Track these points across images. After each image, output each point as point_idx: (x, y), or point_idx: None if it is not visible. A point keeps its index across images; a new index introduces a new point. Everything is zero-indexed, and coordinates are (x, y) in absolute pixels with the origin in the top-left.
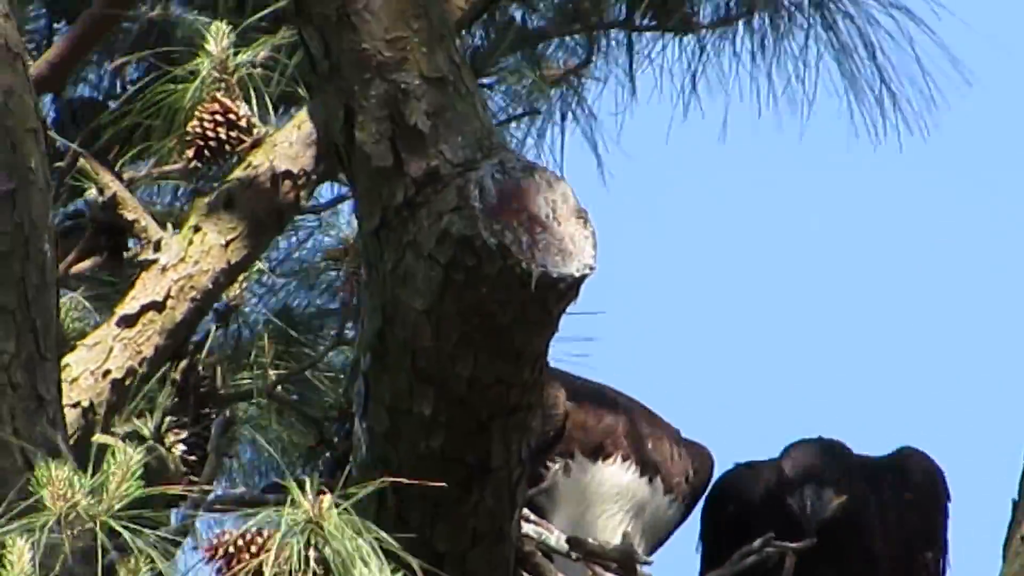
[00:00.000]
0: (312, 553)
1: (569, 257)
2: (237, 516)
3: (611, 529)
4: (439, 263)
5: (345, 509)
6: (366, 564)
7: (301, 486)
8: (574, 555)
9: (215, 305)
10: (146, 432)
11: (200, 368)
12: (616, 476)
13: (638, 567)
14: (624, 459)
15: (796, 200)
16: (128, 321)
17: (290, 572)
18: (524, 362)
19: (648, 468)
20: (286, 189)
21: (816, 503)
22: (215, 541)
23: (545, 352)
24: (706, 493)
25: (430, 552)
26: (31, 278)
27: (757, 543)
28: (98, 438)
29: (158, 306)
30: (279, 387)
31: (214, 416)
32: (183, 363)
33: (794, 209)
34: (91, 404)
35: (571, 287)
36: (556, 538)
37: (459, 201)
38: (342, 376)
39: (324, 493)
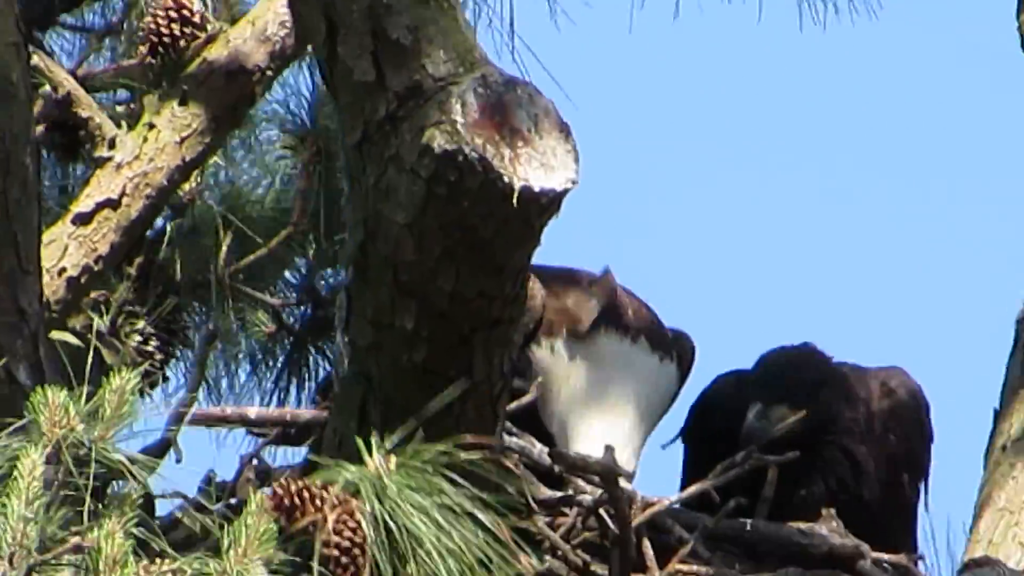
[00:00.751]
0: (377, 511)
1: (551, 171)
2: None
3: (610, 402)
4: (421, 177)
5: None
6: (429, 525)
7: (368, 445)
8: (556, 468)
9: (171, 200)
10: (102, 325)
11: (156, 261)
12: (602, 345)
13: (620, 479)
14: (607, 328)
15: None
16: (83, 219)
17: (355, 530)
18: (506, 276)
19: (631, 331)
20: (241, 85)
21: (759, 424)
22: (280, 490)
23: (527, 266)
24: (692, 403)
25: None
26: (12, 192)
27: (739, 456)
28: (55, 335)
29: (113, 204)
30: (236, 276)
31: (171, 307)
32: (139, 257)
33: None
34: (47, 302)
35: (553, 201)
36: (538, 452)
37: (441, 115)
38: (299, 264)
39: (390, 453)
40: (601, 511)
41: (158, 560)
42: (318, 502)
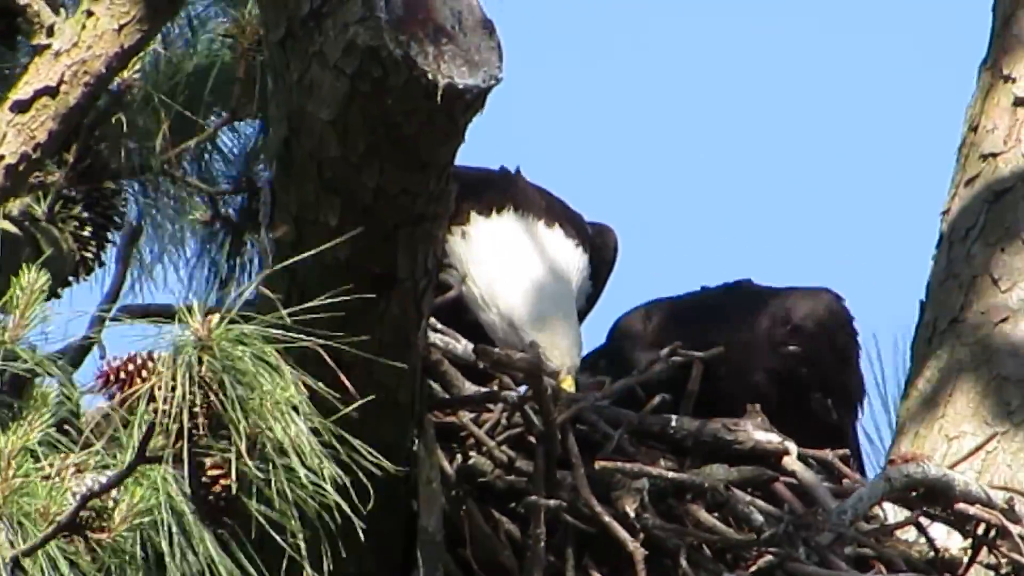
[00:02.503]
0: (205, 373)
1: (475, 68)
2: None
3: (525, 286)
4: (345, 74)
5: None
6: (261, 377)
7: (189, 308)
8: (481, 364)
9: (109, 87)
10: (39, 212)
11: (93, 147)
12: (513, 225)
13: (544, 376)
14: (517, 210)
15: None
16: (21, 107)
17: (183, 395)
18: (430, 172)
19: (541, 214)
20: None
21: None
22: (106, 368)
23: (451, 162)
24: (610, 328)
25: (337, 361)
26: None
27: (665, 351)
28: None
29: (51, 91)
30: (172, 161)
31: (109, 192)
32: (76, 143)
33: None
34: None
35: (477, 97)
36: (463, 347)
37: (365, 12)
38: (236, 152)
39: (212, 313)
40: (526, 407)
41: (60, 456)
42: (145, 372)
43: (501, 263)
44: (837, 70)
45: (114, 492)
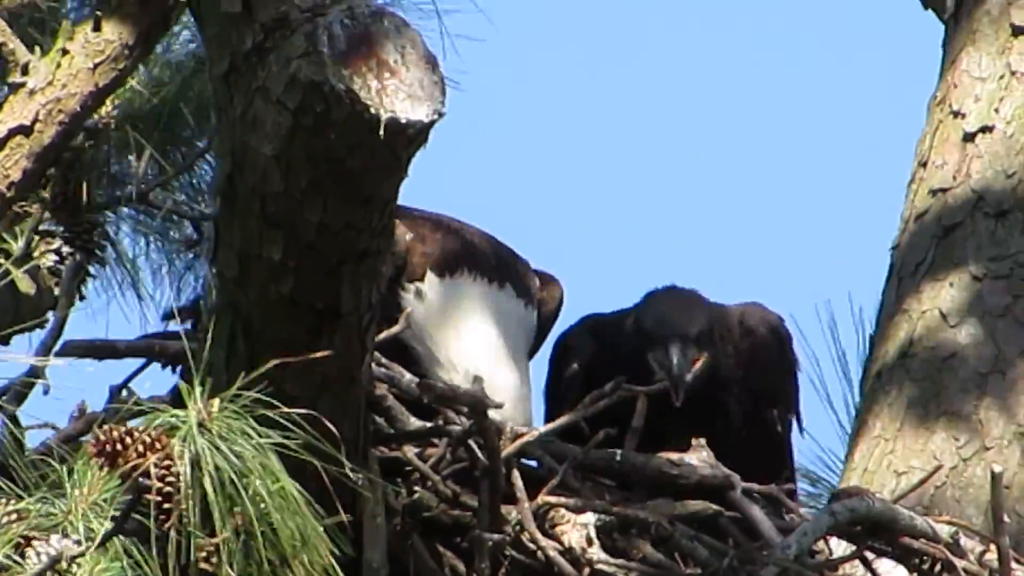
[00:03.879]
0: (199, 454)
1: (418, 102)
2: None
3: (478, 345)
4: (288, 108)
5: (232, 411)
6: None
7: (190, 389)
8: (425, 399)
9: (86, 123)
10: (15, 249)
11: (71, 182)
12: (468, 288)
13: (488, 411)
14: (471, 271)
15: None
16: None
17: (177, 476)
18: (373, 207)
19: (496, 276)
20: (154, 10)
21: (682, 363)
22: (102, 436)
23: (395, 197)
24: (553, 345)
25: (281, 396)
26: None
27: (609, 386)
28: None
29: (26, 130)
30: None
31: (88, 225)
32: (52, 179)
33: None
34: None
35: (420, 132)
36: (407, 382)
37: (308, 46)
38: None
39: (212, 397)
40: (470, 441)
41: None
42: (140, 447)
43: (455, 324)
44: (786, 105)
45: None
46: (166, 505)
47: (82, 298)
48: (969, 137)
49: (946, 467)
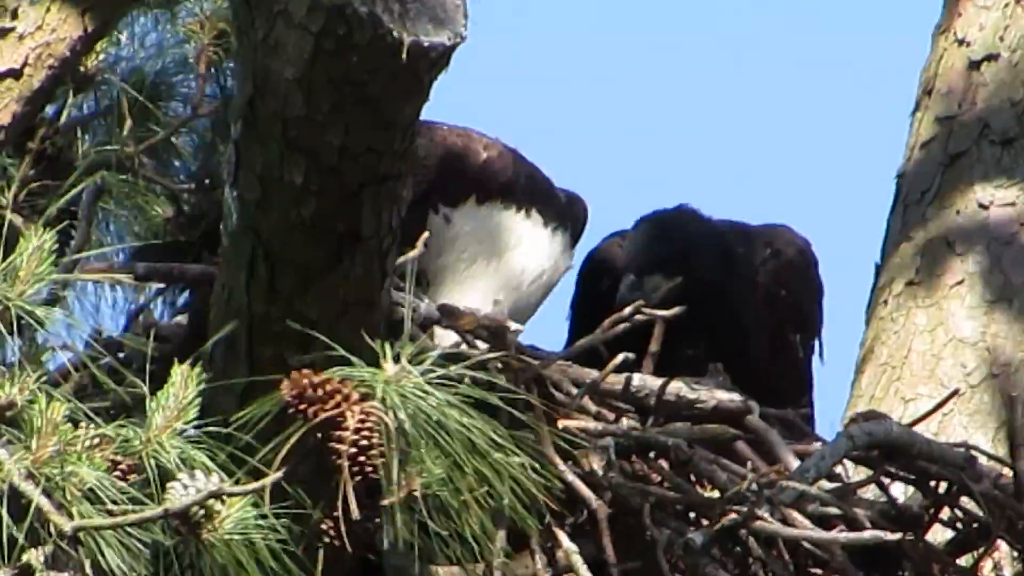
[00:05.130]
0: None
1: (440, 25)
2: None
3: (501, 272)
4: (310, 32)
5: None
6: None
7: (383, 347)
8: (444, 323)
9: (73, 73)
10: (3, 201)
11: (58, 137)
12: (494, 216)
13: (508, 335)
14: (499, 199)
15: None
16: None
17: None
18: (395, 131)
19: (523, 202)
20: None
21: (631, 296)
22: (301, 381)
23: (416, 121)
24: (581, 262)
25: (302, 320)
26: None
27: (627, 310)
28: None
29: (15, 74)
30: (137, 158)
31: (72, 185)
32: (40, 131)
33: None
34: None
35: (442, 56)
36: (426, 306)
37: None
38: (199, 148)
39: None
40: (489, 367)
41: (82, 425)
42: (339, 398)
43: (480, 250)
44: (791, 30)
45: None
46: (360, 459)
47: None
48: (974, 65)
49: (958, 390)
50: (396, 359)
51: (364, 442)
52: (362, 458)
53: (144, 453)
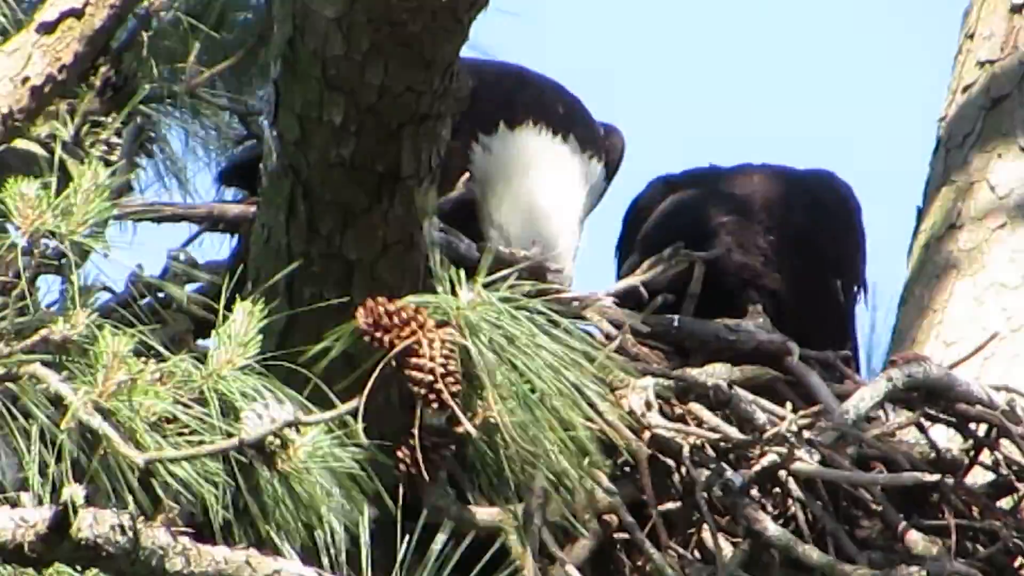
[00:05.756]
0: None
1: None
2: None
3: (544, 195)
4: None
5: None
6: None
7: (457, 274)
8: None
9: (136, 10)
10: (65, 135)
11: (121, 71)
12: (530, 141)
13: (548, 275)
14: (535, 124)
15: None
16: (47, 28)
17: (449, 358)
18: (435, 70)
19: (559, 128)
20: None
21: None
22: (376, 309)
23: (456, 60)
24: (627, 208)
25: (341, 261)
26: None
27: (667, 252)
28: (19, 143)
29: (77, 13)
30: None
31: (136, 118)
32: (103, 67)
33: None
34: (10, 111)
35: None
36: (466, 246)
37: None
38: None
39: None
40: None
41: (145, 360)
42: (415, 324)
43: (513, 181)
44: None
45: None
46: (437, 386)
47: (130, 189)
48: (1016, 9)
49: (998, 334)
50: (470, 287)
51: (442, 369)
52: (439, 385)
53: (206, 387)
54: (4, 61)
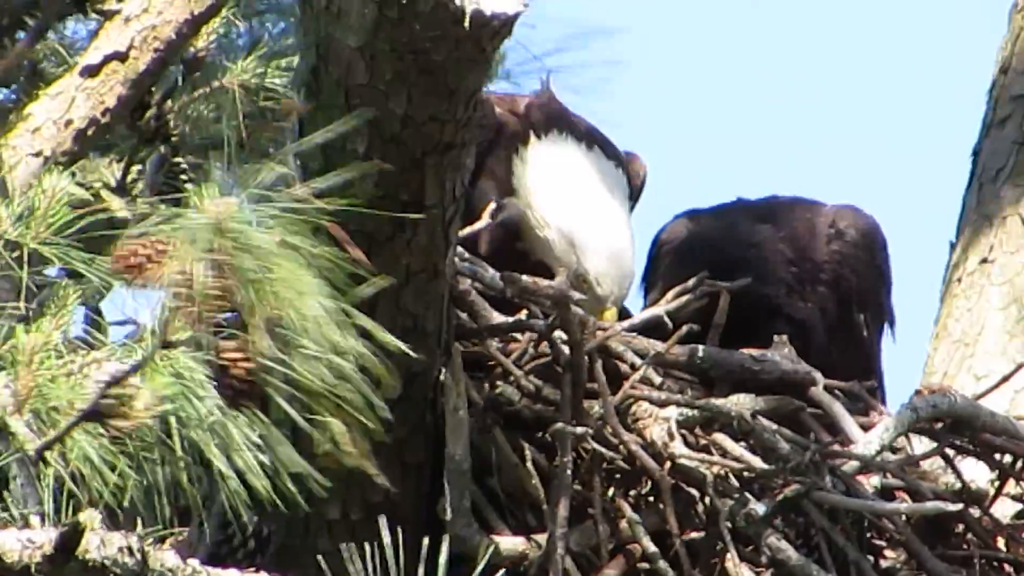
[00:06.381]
0: (220, 255)
1: None
2: None
3: (574, 202)
4: (373, 0)
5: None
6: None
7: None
8: (508, 292)
9: (183, 56)
10: (111, 180)
11: (168, 117)
12: (561, 149)
13: (572, 304)
14: (562, 133)
15: None
16: (91, 71)
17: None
18: (458, 99)
19: (584, 137)
20: None
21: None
22: (123, 250)
23: (479, 89)
24: (651, 241)
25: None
26: None
27: (692, 282)
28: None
29: (121, 56)
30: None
31: (182, 163)
32: (150, 112)
33: None
34: (53, 153)
35: (505, 24)
36: (491, 276)
37: None
38: None
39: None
40: (553, 336)
41: (82, 353)
42: (160, 256)
43: (560, 182)
44: (869, 9)
45: (137, 381)
46: (189, 308)
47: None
48: None
49: None
50: None
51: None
52: (189, 308)
53: None
54: (48, 104)
